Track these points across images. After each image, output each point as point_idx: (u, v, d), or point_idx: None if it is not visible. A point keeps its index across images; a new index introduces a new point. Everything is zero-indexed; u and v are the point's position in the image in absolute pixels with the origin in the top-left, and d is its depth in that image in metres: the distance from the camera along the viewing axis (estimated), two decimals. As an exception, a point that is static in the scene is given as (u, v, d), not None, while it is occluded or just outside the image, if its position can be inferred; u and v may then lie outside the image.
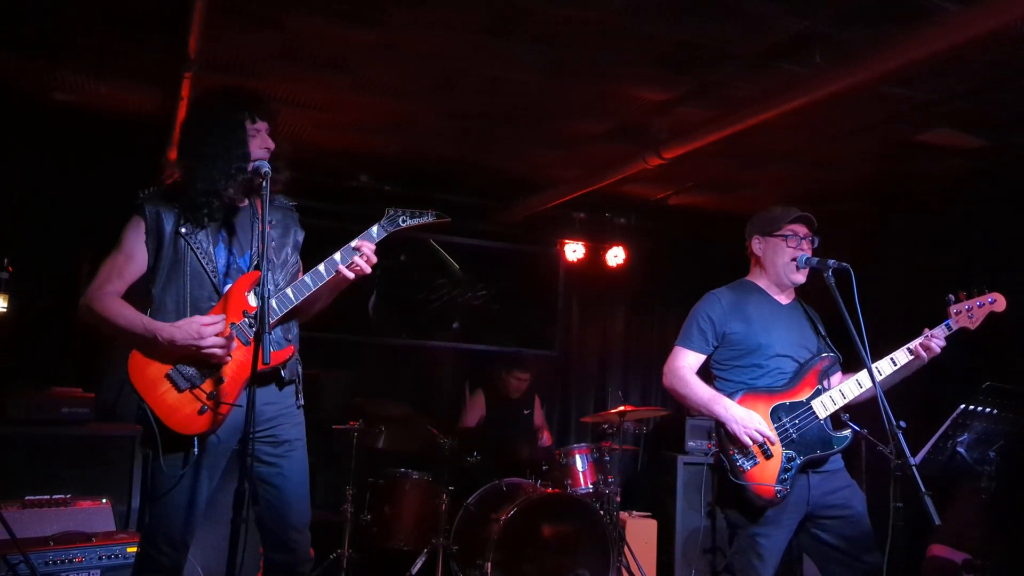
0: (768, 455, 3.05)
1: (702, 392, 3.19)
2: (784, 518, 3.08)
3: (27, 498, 4.02)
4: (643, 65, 3.88)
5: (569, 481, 5.13)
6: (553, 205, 5.93)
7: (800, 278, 3.33)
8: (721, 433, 3.14)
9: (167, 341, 2.61)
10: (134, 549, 3.81)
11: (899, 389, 3.39)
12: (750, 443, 3.04)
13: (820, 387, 3.17)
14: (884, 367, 3.17)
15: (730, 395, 3.18)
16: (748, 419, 3.06)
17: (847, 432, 3.12)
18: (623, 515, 5.66)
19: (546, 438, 6.14)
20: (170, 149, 4.99)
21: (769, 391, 3.17)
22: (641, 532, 5.97)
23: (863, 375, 3.14)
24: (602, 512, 4.90)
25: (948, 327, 3.24)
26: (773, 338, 3.23)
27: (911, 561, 4.66)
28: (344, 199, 6.09)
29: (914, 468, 2.74)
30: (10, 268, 4.82)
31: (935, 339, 3.20)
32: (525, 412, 6.01)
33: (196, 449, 2.67)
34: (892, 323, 3.57)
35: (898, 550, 2.86)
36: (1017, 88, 3.84)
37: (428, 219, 2.97)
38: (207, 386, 2.68)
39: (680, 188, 5.97)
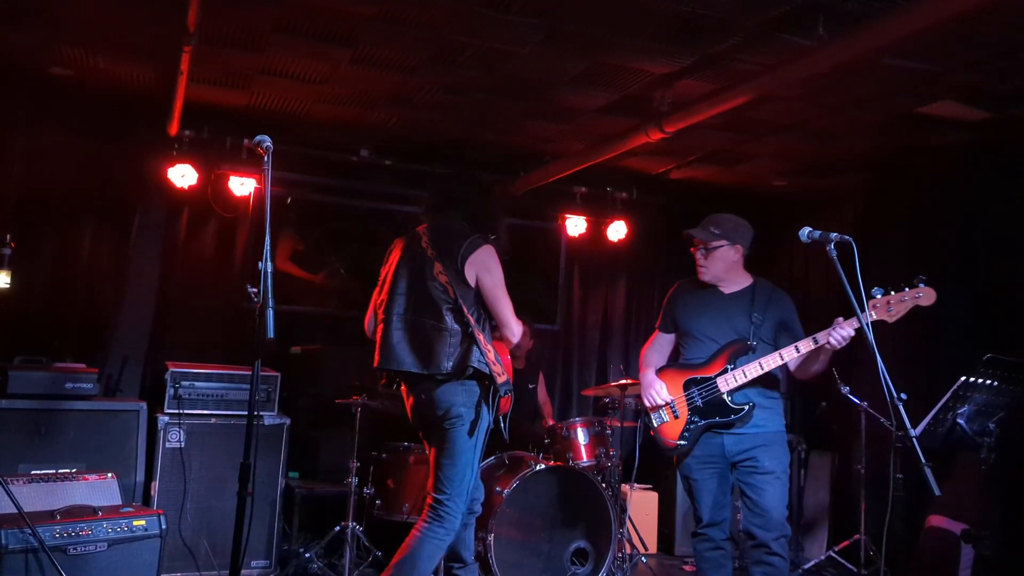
0: (676, 415, 3.75)
1: (642, 362, 3.99)
2: (703, 467, 3.73)
3: (33, 472, 4.06)
4: (645, 37, 3.85)
5: (571, 454, 5.15)
6: (554, 179, 5.90)
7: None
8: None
9: None
10: (141, 522, 3.85)
11: (900, 362, 3.40)
12: (648, 404, 3.81)
13: (727, 367, 3.65)
14: (787, 354, 3.53)
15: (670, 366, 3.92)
16: (650, 387, 3.81)
17: (745, 405, 3.60)
18: (624, 487, 5.70)
19: (547, 416, 6.10)
20: (170, 124, 4.98)
21: (691, 366, 3.78)
22: (642, 504, 6.02)
23: (766, 359, 3.56)
24: (603, 485, 4.93)
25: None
26: (701, 324, 3.79)
27: (910, 531, 4.70)
28: (344, 173, 6.08)
29: (914, 440, 2.76)
30: (12, 244, 4.82)
31: (840, 330, 3.36)
32: (530, 387, 6.01)
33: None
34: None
35: (898, 520, 2.90)
36: (1020, 60, 3.81)
37: None
38: None
39: (682, 162, 5.95)
